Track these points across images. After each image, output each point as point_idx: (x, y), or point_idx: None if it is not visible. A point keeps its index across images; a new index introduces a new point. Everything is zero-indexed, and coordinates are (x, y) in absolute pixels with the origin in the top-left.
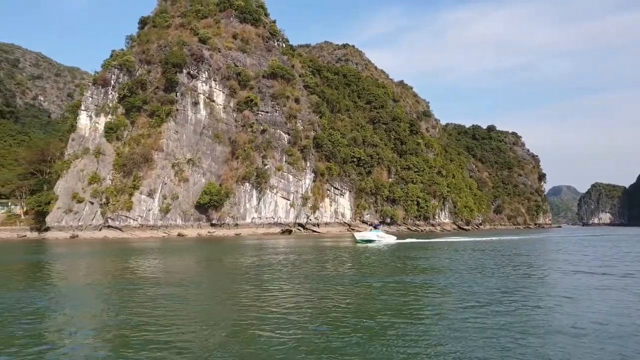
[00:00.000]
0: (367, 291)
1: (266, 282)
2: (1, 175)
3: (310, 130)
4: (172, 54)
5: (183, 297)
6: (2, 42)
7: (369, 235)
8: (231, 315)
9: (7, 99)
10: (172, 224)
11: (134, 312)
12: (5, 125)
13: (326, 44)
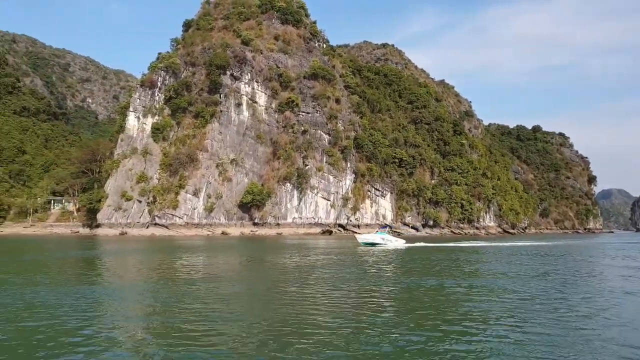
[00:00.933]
0: (410, 293)
1: (309, 282)
2: (56, 174)
3: (350, 131)
4: (215, 56)
5: (229, 294)
6: (54, 47)
7: (372, 237)
8: (276, 315)
9: (59, 102)
10: (216, 222)
11: (181, 309)
12: (58, 126)
13: (365, 44)
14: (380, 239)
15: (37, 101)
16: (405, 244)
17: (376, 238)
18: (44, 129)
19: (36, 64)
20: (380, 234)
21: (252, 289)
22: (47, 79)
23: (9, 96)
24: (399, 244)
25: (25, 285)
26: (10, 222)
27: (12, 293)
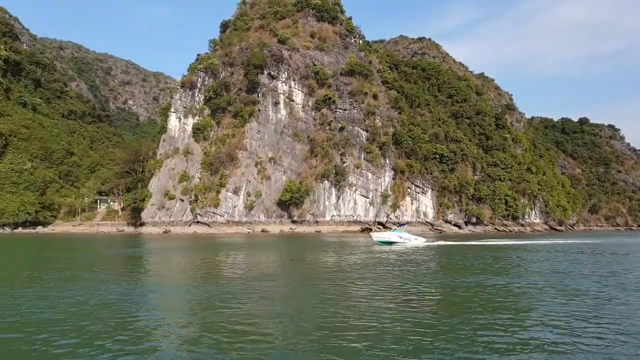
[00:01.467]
0: (454, 292)
1: (351, 280)
2: (101, 174)
3: (389, 127)
4: (253, 55)
5: (273, 293)
6: (98, 52)
7: (388, 236)
8: (320, 313)
9: (102, 104)
10: (255, 220)
11: (226, 307)
12: (102, 128)
13: (401, 39)
14: (398, 237)
15: (83, 104)
16: (425, 243)
17: (393, 236)
18: (90, 131)
19: (81, 68)
20: (397, 232)
21: (295, 287)
22: (91, 82)
23: (57, 100)
24: (418, 243)
25: (91, 282)
26: (60, 221)
27: (83, 288)
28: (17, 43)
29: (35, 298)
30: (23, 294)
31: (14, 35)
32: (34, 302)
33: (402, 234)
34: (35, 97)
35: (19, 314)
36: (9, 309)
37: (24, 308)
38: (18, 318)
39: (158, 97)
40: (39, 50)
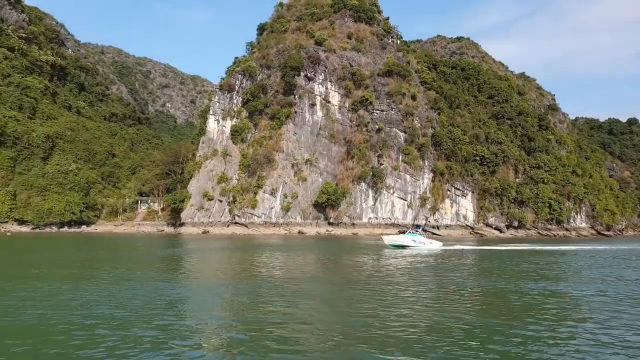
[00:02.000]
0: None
1: (388, 285)
2: (142, 175)
3: (428, 128)
4: (290, 57)
5: (312, 294)
6: (137, 56)
7: (401, 239)
8: (359, 318)
9: (141, 107)
10: (292, 221)
11: (259, 308)
12: (142, 130)
13: (439, 38)
14: (411, 240)
15: (123, 107)
16: (441, 247)
17: (405, 240)
18: (130, 133)
19: (121, 72)
20: (410, 235)
21: (334, 289)
22: (131, 86)
23: (99, 103)
24: (434, 247)
25: (146, 281)
26: (103, 221)
27: (139, 286)
28: (63, 49)
29: (100, 296)
30: (89, 292)
31: (60, 41)
32: (101, 299)
33: (416, 237)
34: (79, 101)
35: (88, 309)
36: (79, 305)
37: (93, 304)
38: (85, 313)
39: (195, 100)
40: (83, 55)
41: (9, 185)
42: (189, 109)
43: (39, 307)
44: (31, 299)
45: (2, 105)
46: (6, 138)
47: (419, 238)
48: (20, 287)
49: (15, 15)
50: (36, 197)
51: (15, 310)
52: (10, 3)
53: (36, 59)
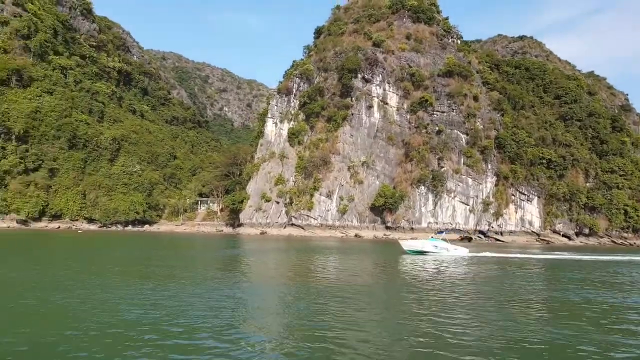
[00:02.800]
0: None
1: (449, 295)
2: (202, 177)
3: (491, 130)
4: (347, 59)
5: (369, 300)
6: (196, 62)
7: (421, 245)
8: (414, 327)
9: (200, 111)
10: (348, 224)
11: (315, 311)
12: (202, 133)
13: (500, 38)
14: (432, 246)
15: (184, 111)
16: (467, 253)
17: (426, 245)
18: (190, 136)
19: (181, 77)
20: (432, 241)
21: (389, 296)
22: (190, 90)
23: (161, 107)
24: (459, 253)
25: (215, 281)
26: (164, 220)
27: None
28: (128, 55)
29: (186, 295)
30: (174, 291)
31: (126, 48)
32: (187, 299)
33: (438, 242)
34: (142, 105)
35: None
36: (156, 305)
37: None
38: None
39: (251, 104)
40: (147, 61)
41: (79, 185)
42: (245, 112)
43: (139, 305)
44: (128, 297)
45: (74, 109)
46: (78, 140)
47: (442, 244)
48: (111, 284)
49: (87, 25)
50: (103, 197)
51: (115, 307)
52: (83, 14)
53: (105, 66)
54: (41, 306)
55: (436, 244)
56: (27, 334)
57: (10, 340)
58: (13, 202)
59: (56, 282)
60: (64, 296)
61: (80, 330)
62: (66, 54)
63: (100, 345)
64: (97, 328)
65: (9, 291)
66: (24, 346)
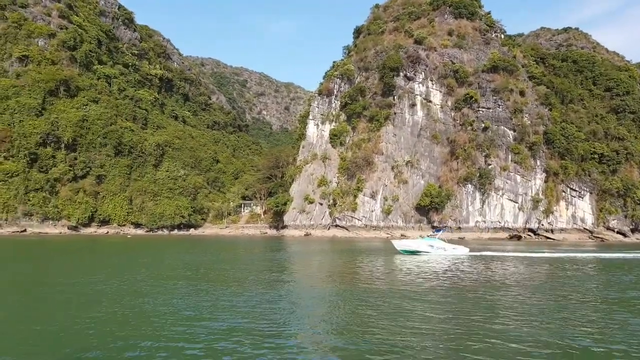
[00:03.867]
0: None
1: (499, 294)
2: (244, 180)
3: (539, 125)
4: (388, 58)
5: (422, 306)
6: (234, 67)
7: (416, 245)
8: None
9: (239, 115)
10: (393, 225)
11: (362, 316)
12: (242, 137)
13: (542, 31)
14: (427, 246)
15: (224, 116)
16: (467, 253)
17: (421, 245)
18: (232, 140)
19: (220, 82)
20: (427, 240)
21: (443, 299)
22: (229, 95)
23: (202, 112)
24: (458, 253)
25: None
26: (209, 224)
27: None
28: (169, 62)
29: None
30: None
31: (167, 55)
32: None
33: (434, 242)
34: (184, 110)
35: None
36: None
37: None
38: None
39: (289, 107)
40: (187, 67)
41: (126, 191)
42: (284, 115)
43: (219, 309)
44: (207, 302)
45: (119, 117)
46: (123, 147)
47: (438, 243)
48: (183, 290)
49: (129, 34)
50: (149, 202)
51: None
52: (125, 23)
53: (147, 73)
54: (152, 312)
55: (432, 244)
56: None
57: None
58: (64, 208)
59: (155, 291)
60: (172, 303)
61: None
62: (110, 63)
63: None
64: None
65: (111, 300)
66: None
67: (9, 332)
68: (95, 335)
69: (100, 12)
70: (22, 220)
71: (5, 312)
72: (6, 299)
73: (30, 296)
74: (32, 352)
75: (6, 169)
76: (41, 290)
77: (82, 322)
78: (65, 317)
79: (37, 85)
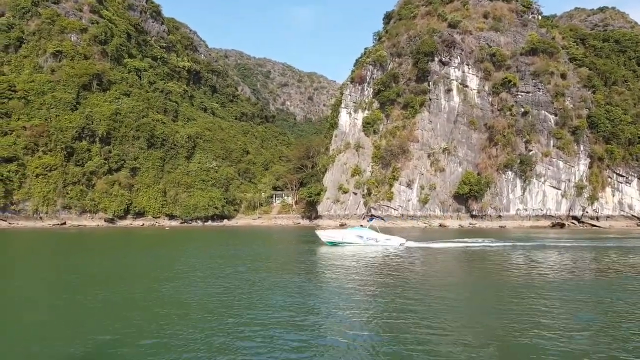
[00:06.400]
0: None
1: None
2: (275, 170)
3: (582, 109)
4: (422, 43)
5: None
6: (257, 58)
7: (341, 236)
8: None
9: (263, 106)
10: (431, 214)
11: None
12: (270, 128)
13: (577, 11)
14: (355, 236)
15: (251, 107)
16: (404, 244)
17: (347, 236)
18: (260, 131)
19: (244, 74)
20: (355, 230)
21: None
22: (253, 87)
23: (230, 104)
24: (392, 243)
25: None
26: (242, 215)
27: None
28: (196, 54)
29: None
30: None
31: (194, 47)
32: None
33: (363, 232)
34: (212, 102)
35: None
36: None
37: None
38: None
39: (312, 97)
40: (213, 59)
41: (159, 183)
42: (307, 105)
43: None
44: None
45: (150, 110)
46: (156, 139)
47: (368, 233)
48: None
49: (157, 27)
50: (183, 194)
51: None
52: (152, 16)
53: (175, 66)
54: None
55: (361, 234)
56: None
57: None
58: (100, 201)
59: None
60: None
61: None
62: (139, 56)
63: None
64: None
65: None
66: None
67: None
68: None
69: (128, 6)
70: (61, 213)
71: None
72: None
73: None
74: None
75: (45, 163)
76: (195, 279)
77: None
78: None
79: (71, 80)
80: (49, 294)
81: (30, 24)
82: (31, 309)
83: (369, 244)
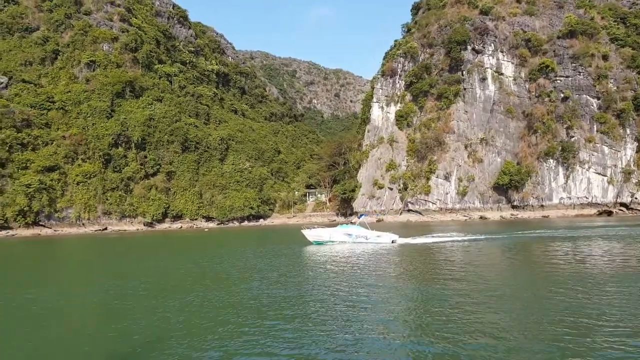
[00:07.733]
0: None
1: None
2: (307, 169)
3: (626, 90)
4: (454, 32)
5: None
6: (283, 57)
7: (327, 235)
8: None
9: (291, 106)
10: (470, 206)
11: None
12: (299, 126)
13: None
14: (344, 234)
15: (280, 106)
16: (395, 241)
17: (335, 235)
18: (290, 130)
19: (270, 74)
20: (342, 228)
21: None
22: (280, 87)
23: (259, 105)
24: (383, 240)
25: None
26: (276, 214)
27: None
28: (224, 57)
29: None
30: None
31: (221, 50)
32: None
33: (352, 229)
34: (242, 104)
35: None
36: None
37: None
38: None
39: (339, 94)
40: (241, 61)
41: (195, 185)
42: (334, 102)
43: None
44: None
45: (183, 114)
46: (189, 143)
47: (357, 230)
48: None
49: (185, 32)
50: (218, 195)
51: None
52: (180, 22)
53: (204, 69)
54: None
55: (349, 232)
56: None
57: None
58: (139, 206)
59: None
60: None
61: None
62: (169, 61)
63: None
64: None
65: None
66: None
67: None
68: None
69: (156, 13)
70: (102, 219)
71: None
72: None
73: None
74: None
75: (85, 170)
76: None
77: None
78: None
79: (105, 88)
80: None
81: (64, 36)
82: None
83: (358, 241)
